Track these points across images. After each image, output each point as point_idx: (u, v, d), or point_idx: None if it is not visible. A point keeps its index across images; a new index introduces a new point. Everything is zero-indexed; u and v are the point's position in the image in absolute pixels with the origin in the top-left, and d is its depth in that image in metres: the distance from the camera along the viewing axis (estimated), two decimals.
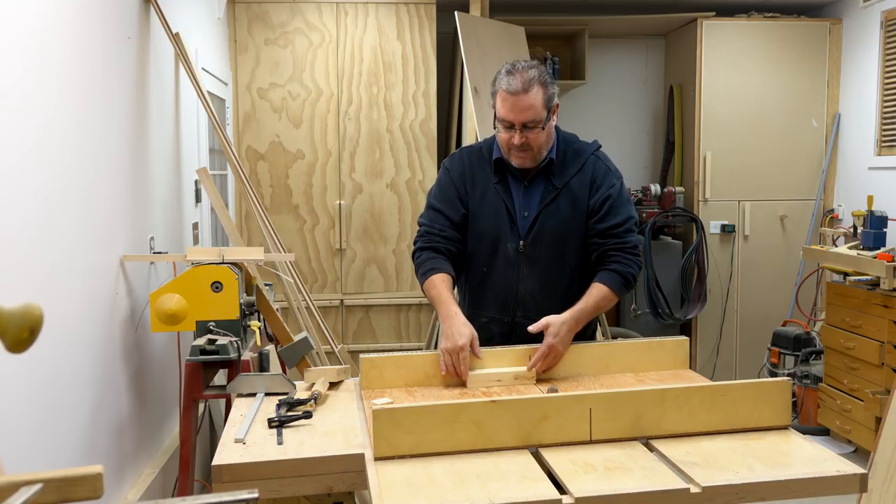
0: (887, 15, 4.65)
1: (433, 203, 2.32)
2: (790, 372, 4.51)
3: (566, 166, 2.25)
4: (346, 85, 4.61)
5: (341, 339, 4.70)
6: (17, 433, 1.80)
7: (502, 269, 2.25)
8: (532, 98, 2.11)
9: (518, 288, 2.25)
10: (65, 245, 2.10)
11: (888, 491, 2.72)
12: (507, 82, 2.12)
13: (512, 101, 2.12)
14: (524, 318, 2.22)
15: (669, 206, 5.09)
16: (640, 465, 1.54)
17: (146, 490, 2.59)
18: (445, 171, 2.35)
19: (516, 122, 2.13)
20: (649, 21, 5.17)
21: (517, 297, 2.26)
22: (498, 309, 2.27)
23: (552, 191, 2.23)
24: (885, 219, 4.11)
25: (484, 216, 2.26)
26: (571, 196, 2.23)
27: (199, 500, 1.05)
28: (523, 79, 2.11)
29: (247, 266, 2.77)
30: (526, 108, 2.11)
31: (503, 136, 2.18)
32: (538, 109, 2.13)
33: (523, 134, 2.14)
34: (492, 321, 2.28)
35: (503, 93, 2.13)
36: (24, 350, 1.08)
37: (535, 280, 2.24)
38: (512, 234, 2.24)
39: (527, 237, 2.23)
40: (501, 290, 2.27)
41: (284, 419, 1.78)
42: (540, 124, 2.15)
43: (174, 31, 3.08)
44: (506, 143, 2.19)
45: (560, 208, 2.23)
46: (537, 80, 2.13)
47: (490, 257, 2.26)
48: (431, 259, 2.24)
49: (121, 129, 2.57)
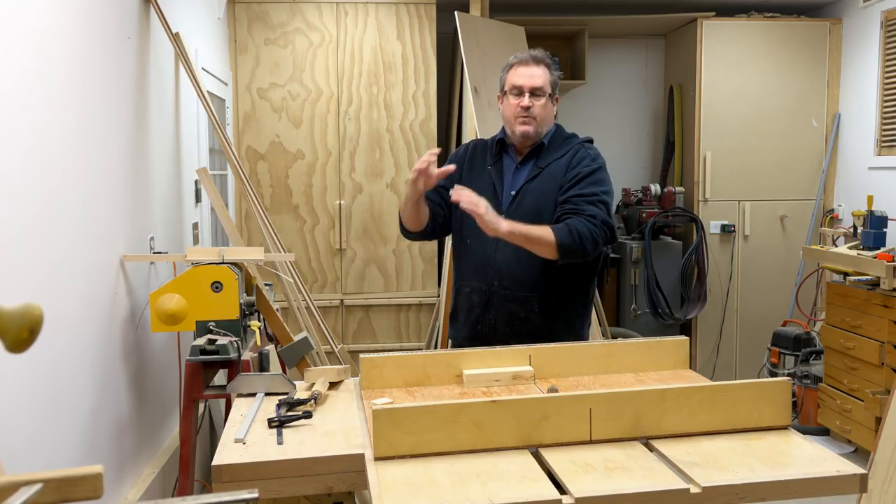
0: (887, 15, 4.65)
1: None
2: (790, 372, 4.51)
3: (552, 150, 2.45)
4: (346, 85, 4.61)
5: (341, 339, 4.70)
6: (17, 433, 1.80)
7: (483, 239, 2.34)
8: (541, 70, 2.40)
9: (496, 257, 2.38)
10: (65, 245, 2.10)
11: (888, 491, 2.72)
12: (519, 57, 2.43)
13: (524, 69, 2.39)
14: (500, 286, 2.37)
15: (669, 206, 5.09)
16: (640, 465, 1.54)
17: (146, 490, 2.59)
18: (454, 152, 2.64)
19: (525, 87, 2.37)
20: (649, 21, 5.17)
21: (494, 266, 2.38)
22: (478, 278, 2.42)
23: (535, 170, 2.42)
24: (885, 219, 4.11)
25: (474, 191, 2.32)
26: (550, 174, 2.41)
27: (199, 500, 1.05)
28: (534, 56, 2.43)
29: (247, 266, 2.77)
30: (535, 75, 2.38)
31: (512, 102, 2.40)
32: (545, 81, 2.39)
33: (531, 99, 2.37)
34: (473, 290, 2.43)
35: (516, 64, 2.42)
36: (24, 350, 1.08)
37: (511, 252, 2.34)
38: (495, 209, 2.30)
39: (507, 211, 2.36)
40: (480, 260, 2.41)
41: (284, 419, 1.78)
42: (545, 95, 2.39)
43: (174, 31, 3.08)
44: (513, 110, 2.39)
45: (540, 185, 2.40)
46: (545, 61, 2.42)
47: (474, 230, 2.32)
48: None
49: (121, 130, 2.57)
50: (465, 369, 2.06)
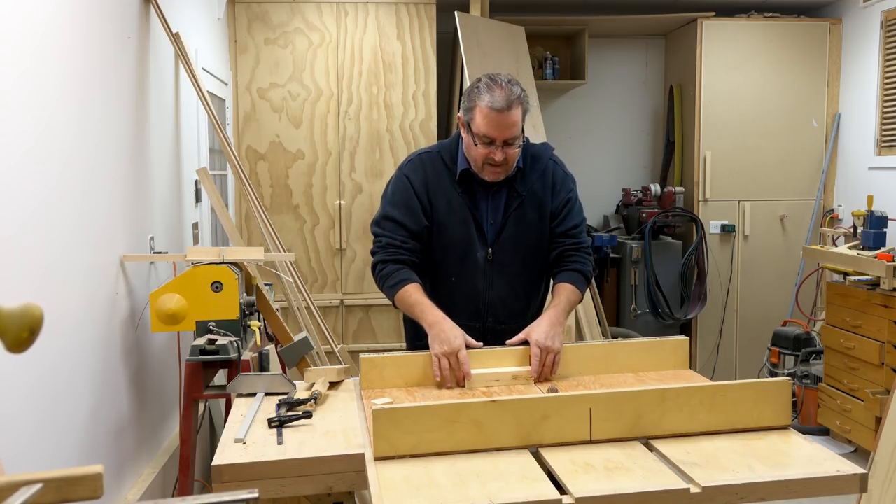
0: (887, 15, 4.65)
1: (391, 213, 2.25)
2: (790, 372, 4.51)
3: (526, 173, 2.26)
4: (346, 85, 4.61)
5: (341, 339, 4.69)
6: (16, 433, 1.80)
7: (471, 277, 2.25)
8: (515, 115, 2.10)
9: (489, 294, 2.27)
10: (64, 245, 2.10)
11: (888, 491, 2.72)
12: (491, 99, 2.08)
13: (497, 118, 2.08)
14: (496, 322, 2.27)
15: (669, 206, 5.09)
16: (640, 465, 1.54)
17: (146, 490, 2.59)
18: (404, 177, 2.27)
19: (498, 139, 2.10)
20: (649, 21, 5.17)
21: (488, 304, 2.28)
22: (469, 316, 2.24)
23: (516, 197, 2.24)
24: (885, 219, 4.11)
25: (452, 225, 2.24)
26: (536, 201, 2.25)
27: (199, 500, 1.05)
28: (507, 96, 2.08)
29: (247, 266, 2.77)
30: (511, 125, 2.09)
31: (481, 151, 2.13)
32: (519, 126, 2.13)
33: (503, 150, 2.12)
34: (464, 328, 2.17)
35: (486, 109, 2.08)
36: (24, 350, 1.08)
37: (504, 285, 2.26)
38: (480, 242, 2.24)
39: (494, 244, 2.24)
40: (472, 298, 2.26)
41: (284, 419, 1.78)
42: (519, 140, 2.14)
43: (174, 31, 3.08)
44: (482, 158, 2.14)
45: (526, 214, 2.25)
46: (518, 99, 2.10)
47: (458, 266, 2.26)
48: (399, 270, 2.19)
49: (121, 129, 2.57)
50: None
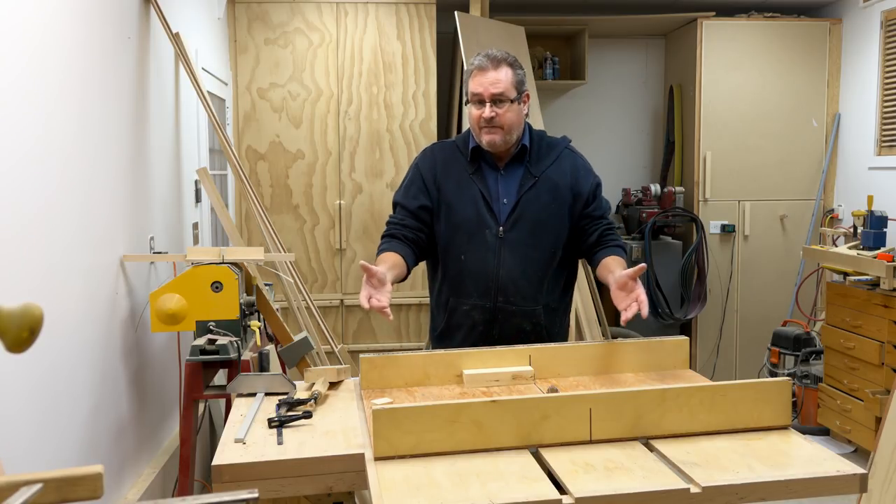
0: (887, 15, 4.65)
1: (395, 198, 2.40)
2: (790, 372, 4.51)
3: (541, 157, 2.33)
4: (346, 85, 4.61)
5: (341, 339, 4.70)
6: (16, 433, 1.80)
7: (482, 255, 2.28)
8: (501, 74, 2.22)
9: (499, 273, 2.28)
10: (64, 245, 2.10)
11: (888, 491, 2.72)
12: (479, 61, 2.25)
13: (481, 75, 2.22)
14: (505, 302, 2.28)
15: (669, 206, 5.09)
16: (640, 465, 1.54)
17: (146, 490, 2.59)
18: (415, 166, 2.42)
19: (485, 95, 2.21)
20: (649, 21, 5.17)
21: (498, 283, 2.29)
22: (479, 295, 2.29)
23: (530, 178, 2.30)
24: (885, 219, 4.11)
25: (462, 204, 2.29)
26: (551, 184, 2.31)
27: (199, 500, 1.05)
28: (492, 58, 2.24)
29: (247, 266, 2.77)
30: (495, 81, 2.21)
31: (474, 112, 2.25)
32: (507, 85, 2.22)
33: (493, 108, 2.21)
34: (474, 308, 2.30)
35: (474, 70, 2.25)
36: (24, 350, 1.08)
37: (515, 264, 2.28)
38: (491, 220, 2.27)
39: (506, 223, 2.28)
40: (482, 277, 2.29)
41: (284, 419, 1.78)
42: (508, 100, 2.22)
43: (174, 31, 3.08)
44: (476, 119, 2.25)
45: (540, 195, 2.29)
46: (506, 61, 2.24)
47: (468, 245, 2.28)
48: (385, 243, 2.30)
49: (121, 129, 2.57)
50: (465, 369, 2.06)
